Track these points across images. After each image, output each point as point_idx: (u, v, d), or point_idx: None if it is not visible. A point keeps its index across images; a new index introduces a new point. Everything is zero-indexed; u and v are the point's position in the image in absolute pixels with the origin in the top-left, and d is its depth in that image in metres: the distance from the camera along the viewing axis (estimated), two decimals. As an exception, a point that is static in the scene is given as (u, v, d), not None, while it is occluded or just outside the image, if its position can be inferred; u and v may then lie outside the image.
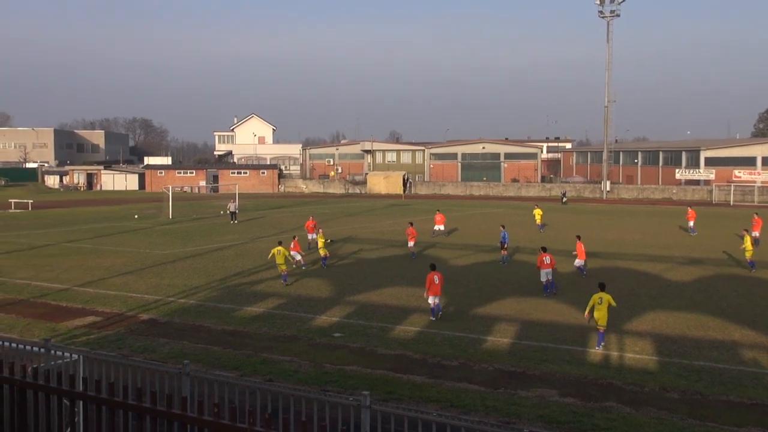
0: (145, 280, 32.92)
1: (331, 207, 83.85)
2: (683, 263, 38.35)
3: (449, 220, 62.09)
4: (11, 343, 12.22)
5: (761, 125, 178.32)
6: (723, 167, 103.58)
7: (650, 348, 21.55)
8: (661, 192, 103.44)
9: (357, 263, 38.44)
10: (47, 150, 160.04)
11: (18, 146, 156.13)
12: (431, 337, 22.68)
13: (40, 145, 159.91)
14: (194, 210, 76.30)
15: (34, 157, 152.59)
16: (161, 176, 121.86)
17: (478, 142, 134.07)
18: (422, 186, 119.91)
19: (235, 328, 23.75)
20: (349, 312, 26.32)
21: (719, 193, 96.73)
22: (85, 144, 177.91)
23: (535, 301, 28.39)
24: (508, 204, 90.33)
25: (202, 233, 53.38)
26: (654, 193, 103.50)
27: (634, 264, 37.81)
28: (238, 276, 34.01)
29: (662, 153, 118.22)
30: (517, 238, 50.21)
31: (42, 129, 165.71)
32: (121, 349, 20.61)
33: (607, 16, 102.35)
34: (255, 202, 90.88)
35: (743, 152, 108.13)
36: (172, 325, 24.32)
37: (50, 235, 51.33)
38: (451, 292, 30.02)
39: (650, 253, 42.05)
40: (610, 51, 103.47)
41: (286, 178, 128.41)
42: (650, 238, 50.33)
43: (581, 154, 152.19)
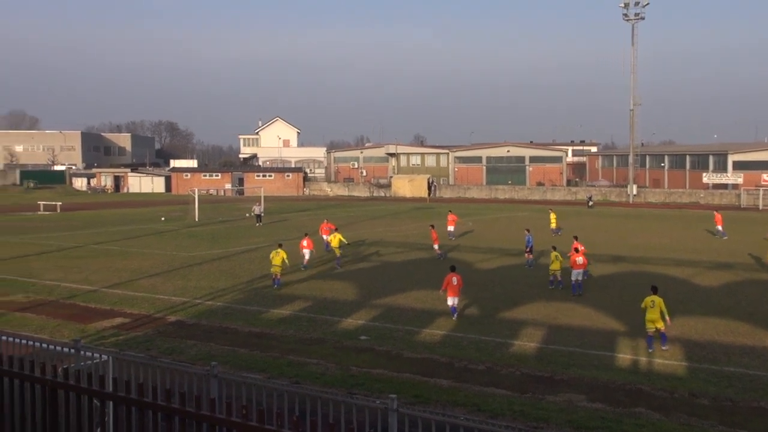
0: (172, 282, 33.11)
1: (356, 210, 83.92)
2: (711, 268, 37.94)
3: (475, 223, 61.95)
4: (42, 344, 12.31)
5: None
6: (751, 171, 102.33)
7: (679, 353, 21.31)
8: (688, 196, 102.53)
9: (382, 266, 38.42)
10: (75, 153, 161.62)
11: (46, 149, 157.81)
12: (458, 341, 22.59)
13: (68, 148, 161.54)
14: (220, 212, 76.68)
15: (62, 159, 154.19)
16: (187, 179, 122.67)
17: (503, 146, 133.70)
18: (447, 189, 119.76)
19: (262, 330, 23.80)
20: (375, 315, 26.29)
21: (747, 197, 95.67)
22: (112, 147, 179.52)
23: (562, 305, 28.20)
24: (533, 208, 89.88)
25: (228, 235, 53.63)
26: (681, 197, 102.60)
27: (662, 268, 37.45)
28: (265, 278, 34.08)
29: (689, 157, 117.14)
30: (543, 242, 49.96)
31: (70, 132, 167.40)
32: (149, 351, 20.71)
33: (632, 19, 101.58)
34: (280, 204, 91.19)
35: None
36: (200, 326, 24.42)
37: (78, 237, 51.80)
38: (477, 295, 29.93)
39: (677, 258, 41.66)
40: (636, 54, 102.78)
41: (310, 181, 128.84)
42: (677, 243, 49.88)
43: (607, 158, 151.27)
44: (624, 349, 21.75)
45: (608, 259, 41.31)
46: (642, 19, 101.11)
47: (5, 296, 29.29)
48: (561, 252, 33.21)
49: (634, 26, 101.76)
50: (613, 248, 46.30)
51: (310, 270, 36.56)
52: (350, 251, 44.18)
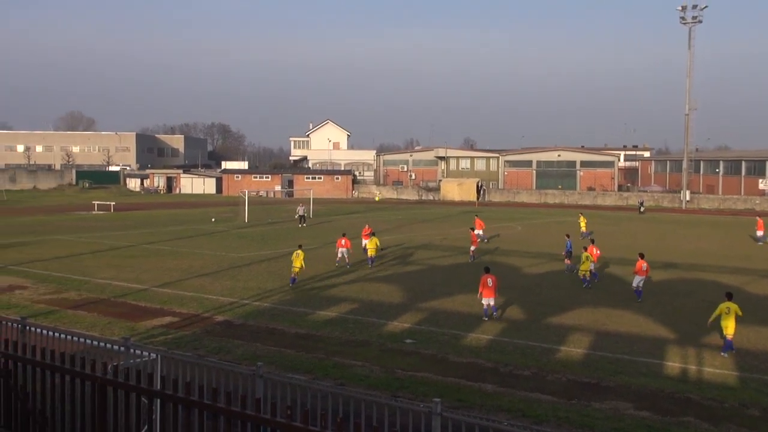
0: (220, 282, 33.51)
1: (404, 213, 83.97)
2: (766, 276, 37.14)
3: (524, 227, 61.59)
4: (93, 341, 12.59)
5: None
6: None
7: (730, 363, 20.92)
8: (743, 202, 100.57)
9: (429, 270, 38.40)
10: (129, 154, 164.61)
11: (101, 150, 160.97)
12: (503, 346, 22.49)
13: (123, 149, 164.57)
14: (269, 214, 77.35)
15: (117, 160, 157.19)
16: (238, 180, 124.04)
17: (553, 150, 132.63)
18: (496, 193, 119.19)
19: (307, 332, 23.97)
20: (420, 318, 26.30)
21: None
22: (165, 148, 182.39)
23: (610, 311, 27.89)
24: (583, 212, 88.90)
25: (276, 237, 54.08)
26: (736, 204, 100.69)
27: (715, 275, 36.79)
28: (312, 280, 34.32)
29: (744, 162, 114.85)
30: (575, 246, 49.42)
31: (124, 133, 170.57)
32: (197, 350, 21.00)
33: (689, 22, 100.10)
34: (328, 207, 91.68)
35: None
36: (247, 327, 24.68)
37: (131, 237, 52.73)
38: (524, 300, 29.78)
39: (731, 265, 40.89)
40: (692, 58, 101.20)
41: (359, 184, 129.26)
42: (731, 250, 48.95)
43: (660, 163, 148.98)
44: (673, 357, 21.43)
45: (660, 265, 40.65)
46: (699, 22, 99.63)
47: (59, 293, 29.97)
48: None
49: (691, 29, 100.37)
50: (664, 254, 45.60)
51: (357, 271, 36.72)
52: (398, 254, 44.24)
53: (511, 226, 66.59)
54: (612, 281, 35.26)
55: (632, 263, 40.93)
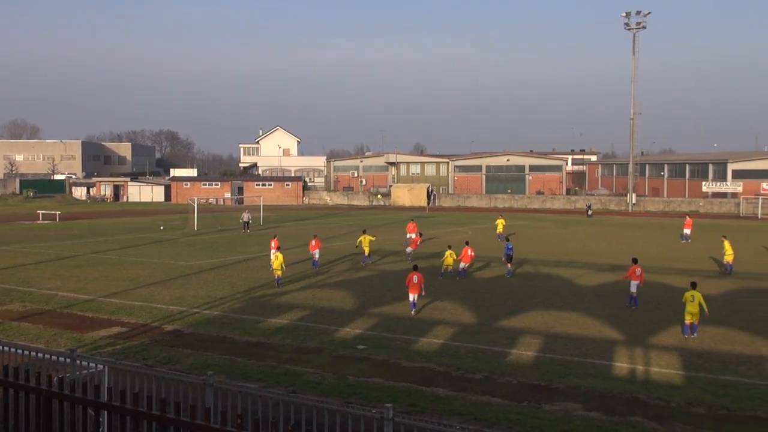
0: (170, 291, 33.13)
1: (355, 219, 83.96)
2: (711, 276, 37.98)
3: (474, 232, 62.06)
4: (38, 353, 12.34)
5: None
6: (751, 180, 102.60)
7: (676, 362, 21.34)
8: (687, 205, 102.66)
9: (380, 275, 38.44)
10: (75, 162, 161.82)
11: (46, 158, 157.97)
12: (455, 350, 22.61)
13: (68, 157, 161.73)
14: (219, 221, 76.74)
15: (62, 168, 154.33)
16: (187, 188, 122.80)
17: (502, 155, 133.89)
18: (446, 198, 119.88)
19: (258, 340, 23.82)
20: (372, 324, 26.31)
21: (747, 206, 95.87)
22: (112, 156, 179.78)
23: (559, 314, 28.23)
24: (532, 216, 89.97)
25: (226, 245, 53.65)
26: (681, 206, 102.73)
27: (661, 277, 37.47)
28: (263, 287, 34.12)
29: (689, 165, 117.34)
30: (542, 251, 50.06)
31: (70, 141, 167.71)
32: (145, 360, 20.72)
33: (633, 28, 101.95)
34: (279, 213, 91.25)
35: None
36: (197, 336, 24.43)
37: (77, 246, 51.83)
38: (475, 304, 30.00)
39: (677, 267, 41.70)
40: (636, 63, 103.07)
41: (310, 190, 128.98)
42: (677, 252, 49.92)
43: (607, 167, 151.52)
44: (621, 358, 21.77)
45: (607, 268, 41.35)
46: (643, 28, 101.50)
47: (2, 305, 29.29)
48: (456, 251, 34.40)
49: (636, 35, 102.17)
50: (611, 257, 46.37)
51: (308, 279, 36.61)
52: (349, 260, 44.22)
53: (461, 230, 67.01)
54: (561, 284, 35.70)
55: (581, 266, 41.71)
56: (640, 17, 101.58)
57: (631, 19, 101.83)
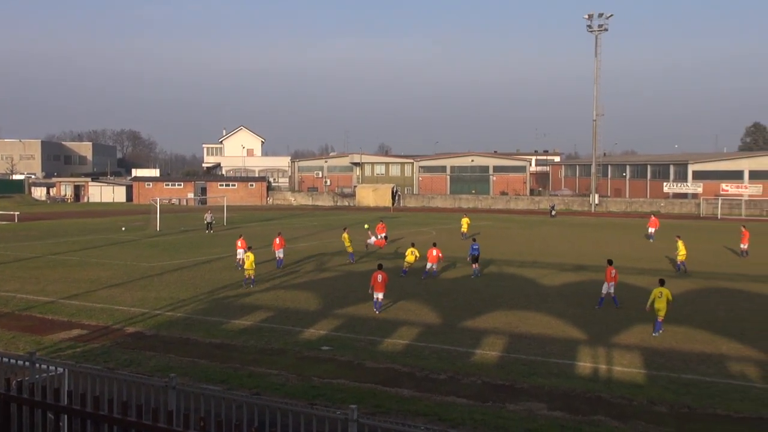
0: (131, 292, 32.78)
1: (320, 219, 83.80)
2: (672, 276, 38.38)
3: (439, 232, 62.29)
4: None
5: (748, 139, 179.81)
6: (710, 181, 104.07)
7: (638, 361, 21.59)
8: (649, 205, 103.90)
9: (345, 276, 38.40)
10: (34, 161, 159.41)
11: (5, 158, 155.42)
12: (419, 351, 22.66)
13: (27, 157, 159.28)
14: (182, 222, 76.09)
15: (21, 168, 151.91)
16: (149, 188, 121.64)
17: (467, 155, 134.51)
18: (411, 199, 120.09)
19: (222, 341, 23.66)
20: (337, 325, 26.27)
21: (707, 206, 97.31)
22: (73, 156, 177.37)
23: (523, 314, 28.42)
24: (496, 217, 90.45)
25: (189, 245, 53.23)
26: (642, 206, 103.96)
27: (623, 277, 37.76)
28: (226, 288, 33.91)
29: (650, 166, 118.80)
30: (507, 252, 50.35)
31: (29, 140, 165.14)
32: (107, 363, 20.47)
33: (596, 30, 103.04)
34: (243, 214, 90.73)
35: (730, 166, 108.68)
36: (159, 338, 24.20)
37: (36, 248, 51.08)
38: (440, 304, 30.08)
39: (639, 267, 42.17)
40: (599, 65, 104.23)
41: (274, 191, 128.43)
42: (639, 252, 50.50)
43: (570, 167, 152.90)
44: (584, 357, 21.98)
45: (570, 268, 41.74)
46: (605, 30, 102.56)
47: (-40, 308, 28.77)
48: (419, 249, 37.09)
49: (598, 37, 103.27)
50: (575, 257, 46.80)
51: (273, 280, 36.46)
52: (313, 261, 44.12)
53: (426, 230, 67.16)
54: (525, 284, 35.94)
55: (544, 266, 42.03)
56: (602, 20, 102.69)
57: (594, 22, 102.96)
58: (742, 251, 48.33)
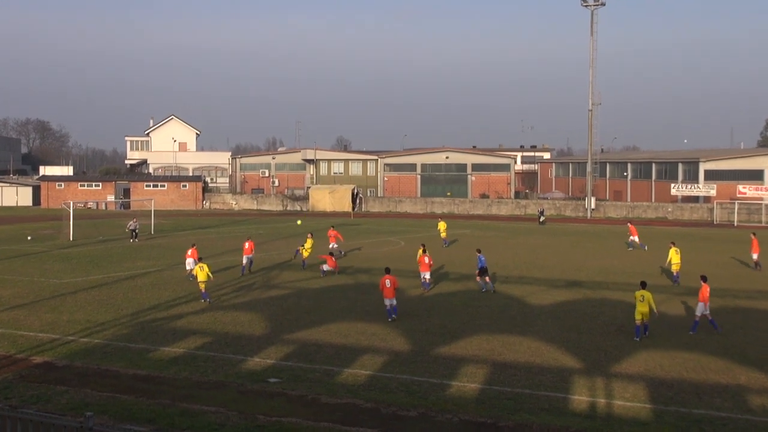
0: (39, 315, 32.40)
1: (267, 226, 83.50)
2: (681, 294, 38.86)
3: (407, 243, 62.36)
4: None
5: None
6: (726, 182, 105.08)
7: (643, 394, 21.76)
8: (654, 210, 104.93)
9: (296, 294, 38.29)
10: None
11: None
12: (385, 383, 22.64)
13: None
14: (100, 230, 75.39)
15: None
16: (60, 189, 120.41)
17: (441, 151, 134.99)
18: (375, 202, 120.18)
19: (149, 373, 23.46)
20: (287, 353, 26.18)
21: (721, 211, 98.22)
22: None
23: (507, 338, 28.53)
24: (476, 224, 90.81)
25: (109, 258, 52.76)
26: (646, 212, 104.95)
27: (624, 295, 38.14)
28: (154, 310, 33.65)
29: (655, 165, 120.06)
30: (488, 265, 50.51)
31: None
32: (8, 399, 20.23)
33: (591, 5, 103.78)
34: (174, 221, 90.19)
35: (749, 164, 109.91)
36: (73, 369, 23.95)
37: (-77, 261, 50.33)
38: (409, 328, 30.11)
39: (643, 282, 42.40)
40: (595, 46, 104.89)
41: (212, 193, 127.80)
42: (642, 265, 50.92)
43: (562, 166, 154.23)
44: (580, 389, 22.11)
45: (563, 284, 42.00)
46: (602, 5, 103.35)
47: None
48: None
49: (594, 13, 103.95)
50: (567, 272, 47.10)
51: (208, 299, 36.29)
52: (259, 276, 43.95)
53: (392, 240, 67.25)
54: (509, 304, 36.09)
55: (532, 282, 42.25)
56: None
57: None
58: (755, 263, 49.06)
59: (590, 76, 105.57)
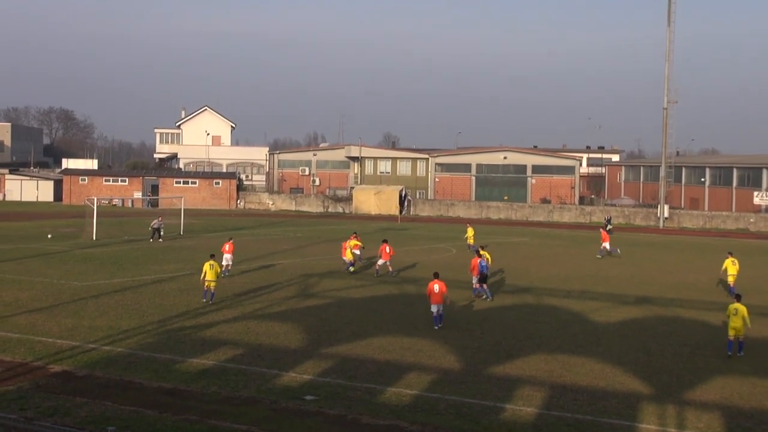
0: (58, 320, 32.75)
1: (305, 230, 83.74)
2: (765, 314, 38.29)
3: (459, 251, 62.19)
4: None
5: None
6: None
7: (718, 424, 21.49)
8: (734, 221, 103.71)
9: (337, 304, 38.34)
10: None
11: None
12: (432, 404, 22.59)
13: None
14: (126, 230, 76.13)
15: None
16: (84, 184, 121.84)
17: (498, 151, 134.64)
18: (424, 205, 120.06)
19: (175, 386, 23.61)
20: (325, 368, 26.21)
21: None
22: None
23: (569, 358, 28.33)
24: (535, 231, 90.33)
25: (135, 260, 53.22)
26: (725, 222, 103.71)
27: (700, 314, 37.76)
28: (182, 317, 33.88)
29: (737, 170, 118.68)
30: (548, 277, 50.23)
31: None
32: (24, 411, 20.41)
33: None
34: (205, 221, 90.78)
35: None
36: (93, 379, 24.16)
37: (-64, 258, 51.18)
38: (460, 345, 30.00)
39: (721, 301, 41.88)
40: (672, 37, 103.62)
41: (247, 191, 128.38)
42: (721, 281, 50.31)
43: (632, 169, 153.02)
44: (648, 417, 21.89)
45: (632, 300, 41.61)
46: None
47: None
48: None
49: (672, 1, 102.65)
50: (636, 286, 46.65)
51: (242, 307, 36.43)
52: (296, 283, 44.06)
53: (443, 247, 67.13)
54: (572, 320, 35.84)
55: (597, 297, 41.89)
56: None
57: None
58: None
59: (666, 70, 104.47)
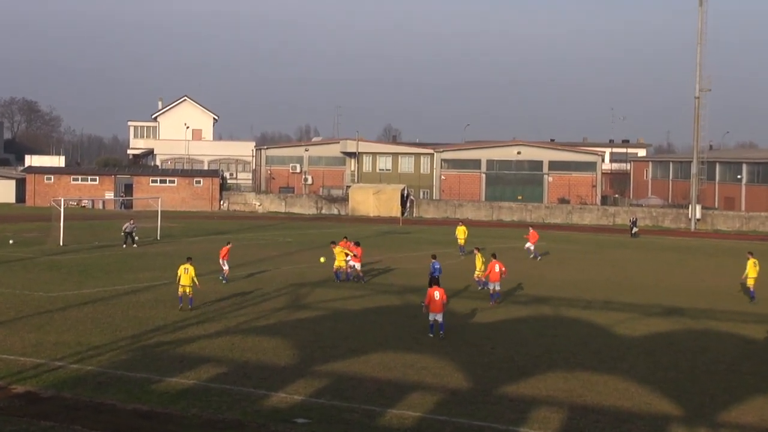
0: (21, 335, 32.77)
1: (296, 234, 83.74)
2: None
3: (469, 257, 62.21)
4: None
5: None
6: None
7: (757, 450, 21.54)
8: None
9: (332, 316, 38.39)
10: None
11: None
12: (438, 427, 22.60)
13: None
14: (97, 234, 76.12)
15: None
16: (49, 184, 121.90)
17: (511, 145, 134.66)
18: (429, 206, 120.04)
19: (152, 408, 23.61)
20: (319, 388, 26.23)
21: None
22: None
23: (590, 376, 28.35)
24: (552, 235, 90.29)
25: (107, 268, 53.25)
26: (764, 224, 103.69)
27: (735, 326, 37.78)
28: (159, 331, 33.90)
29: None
30: (566, 285, 50.22)
31: None
32: (-17, 436, 20.48)
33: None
34: (185, 224, 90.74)
35: None
36: (61, 401, 24.17)
37: None
38: (469, 361, 30.02)
39: (759, 312, 41.97)
40: (704, 17, 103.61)
41: (231, 191, 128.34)
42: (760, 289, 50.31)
43: (660, 165, 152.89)
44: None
45: (660, 311, 41.62)
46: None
47: None
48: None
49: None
50: (664, 296, 46.62)
51: (227, 320, 36.46)
52: (285, 293, 44.09)
53: (450, 253, 67.09)
54: (593, 334, 35.87)
55: (621, 308, 41.90)
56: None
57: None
58: None
59: (698, 55, 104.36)
